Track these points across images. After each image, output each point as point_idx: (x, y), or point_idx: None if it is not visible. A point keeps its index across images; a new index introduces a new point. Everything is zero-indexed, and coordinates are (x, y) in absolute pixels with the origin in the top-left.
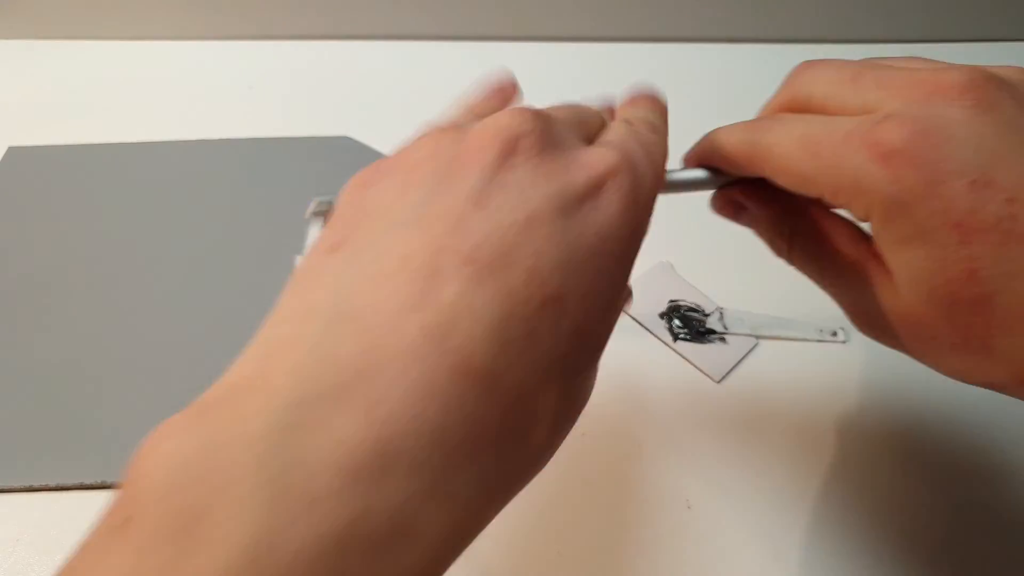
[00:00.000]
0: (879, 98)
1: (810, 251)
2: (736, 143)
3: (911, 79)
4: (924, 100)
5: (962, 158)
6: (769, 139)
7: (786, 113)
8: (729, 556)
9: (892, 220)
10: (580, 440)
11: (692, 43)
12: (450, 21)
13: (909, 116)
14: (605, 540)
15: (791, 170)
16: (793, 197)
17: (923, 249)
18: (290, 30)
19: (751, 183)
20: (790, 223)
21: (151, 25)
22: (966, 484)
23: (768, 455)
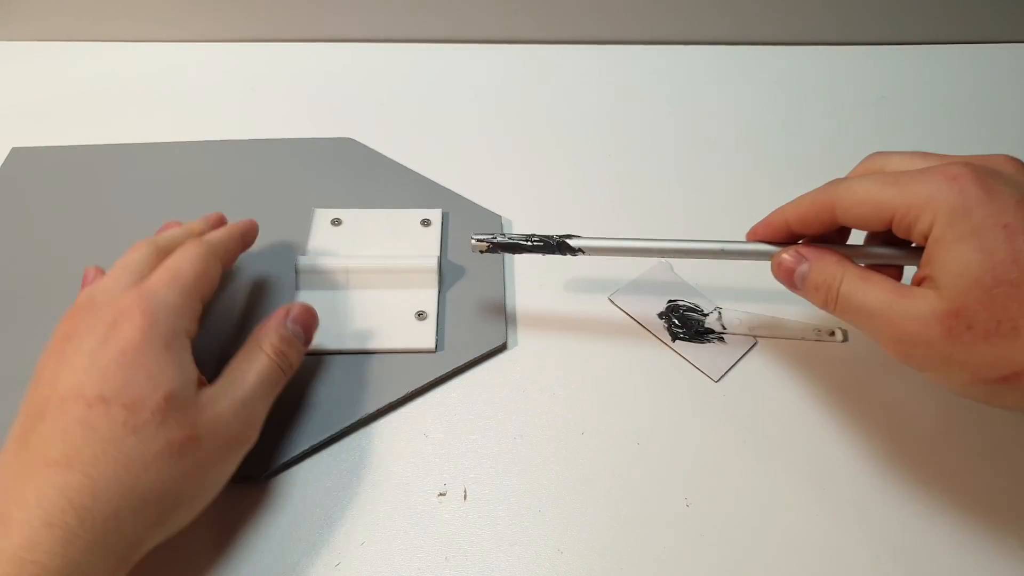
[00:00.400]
0: (941, 163)
1: (858, 286)
2: (812, 198)
3: (965, 157)
4: (978, 161)
5: (1009, 187)
6: (849, 183)
7: None
8: (728, 555)
9: (955, 222)
10: (579, 439)
11: (692, 45)
12: (451, 24)
13: (971, 163)
14: (604, 538)
15: (870, 199)
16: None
17: (976, 243)
18: (292, 32)
19: (807, 242)
20: (843, 267)
21: (153, 26)
22: (966, 483)
23: (766, 454)
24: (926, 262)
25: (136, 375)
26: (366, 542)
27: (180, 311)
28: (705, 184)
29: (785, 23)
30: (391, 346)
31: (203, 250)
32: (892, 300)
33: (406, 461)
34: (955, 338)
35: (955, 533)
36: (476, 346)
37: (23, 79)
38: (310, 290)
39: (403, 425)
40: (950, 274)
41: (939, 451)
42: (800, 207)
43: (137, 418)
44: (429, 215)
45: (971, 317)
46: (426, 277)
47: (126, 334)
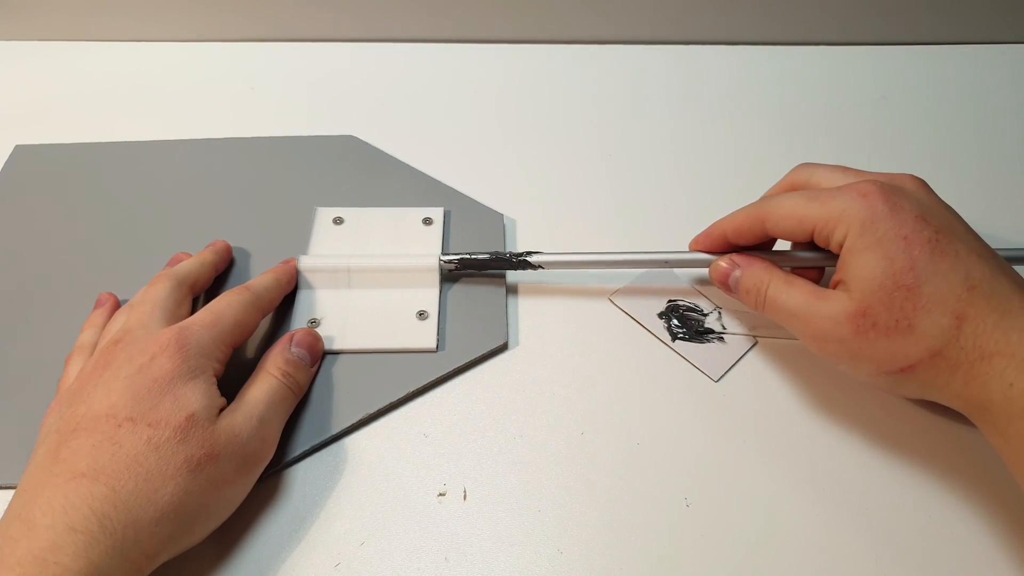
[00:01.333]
0: (858, 180)
1: (782, 290)
2: (747, 212)
3: (878, 173)
4: (888, 179)
5: (910, 203)
6: (777, 200)
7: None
8: (729, 555)
9: (863, 233)
10: (580, 439)
11: (692, 45)
12: (451, 23)
13: (880, 181)
14: (604, 538)
15: (795, 215)
16: (771, 260)
17: (880, 251)
18: (292, 32)
19: (742, 250)
20: (769, 272)
21: (152, 26)
22: (965, 483)
23: (766, 454)
24: (840, 268)
25: (164, 400)
26: (366, 542)
27: (211, 352)
28: (704, 183)
29: (784, 23)
30: (392, 346)
31: (249, 301)
32: (810, 302)
33: (406, 461)
34: (862, 335)
35: (954, 532)
36: (477, 346)
37: (23, 78)
38: (311, 289)
39: (403, 425)
40: (858, 279)
41: (938, 451)
42: (735, 220)
43: (160, 436)
44: (431, 214)
45: (875, 316)
46: (427, 276)
47: (160, 366)
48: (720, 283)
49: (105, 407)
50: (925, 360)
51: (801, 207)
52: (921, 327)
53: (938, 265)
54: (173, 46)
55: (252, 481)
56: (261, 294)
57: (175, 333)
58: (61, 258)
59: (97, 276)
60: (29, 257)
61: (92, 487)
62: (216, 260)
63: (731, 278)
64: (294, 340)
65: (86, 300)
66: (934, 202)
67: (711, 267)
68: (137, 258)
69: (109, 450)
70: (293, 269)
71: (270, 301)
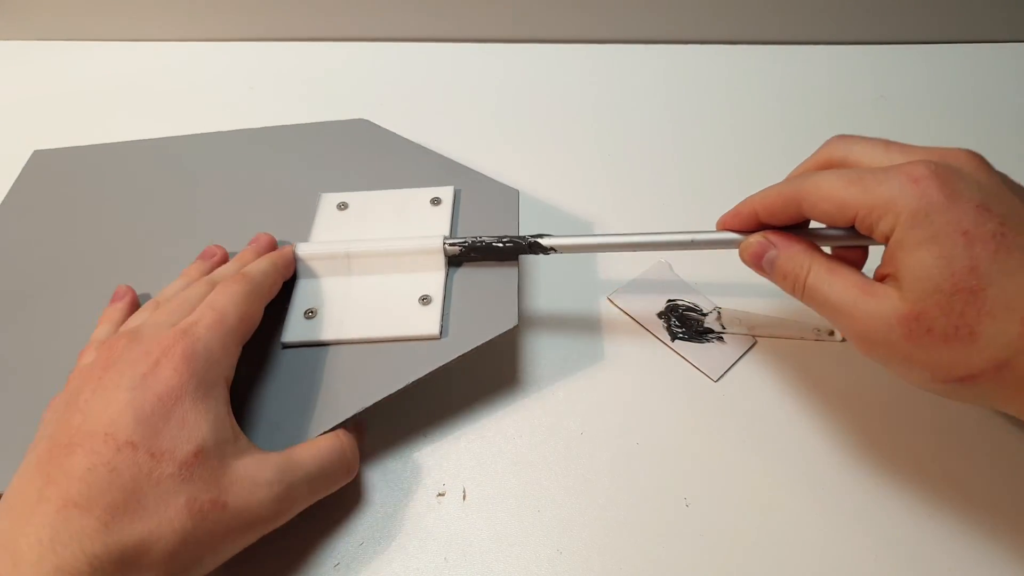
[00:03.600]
0: (905, 158)
1: (824, 278)
2: (780, 190)
3: (928, 149)
4: (941, 157)
5: (970, 189)
6: (815, 179)
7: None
8: (728, 555)
9: (915, 226)
10: (579, 439)
11: (692, 45)
12: (451, 23)
13: (933, 161)
14: (604, 538)
15: (834, 198)
16: (811, 241)
17: (936, 249)
18: (290, 31)
19: (777, 229)
20: (809, 256)
21: (151, 26)
22: (964, 482)
23: (766, 454)
24: (888, 261)
25: (169, 424)
26: (365, 542)
27: (221, 358)
28: (704, 182)
29: (784, 22)
30: (392, 334)
31: (248, 290)
32: (856, 297)
33: (405, 461)
34: (915, 340)
35: (954, 531)
36: (485, 330)
37: (22, 78)
38: (310, 278)
39: (402, 425)
40: (911, 278)
41: (938, 451)
42: (768, 198)
43: (162, 469)
44: (440, 193)
45: (931, 321)
46: (431, 259)
47: (165, 378)
48: (753, 264)
49: (104, 423)
50: (989, 371)
51: (841, 190)
52: (985, 335)
53: (1004, 264)
54: (171, 46)
55: (255, 539)
56: (260, 280)
57: (179, 337)
58: (84, 257)
59: (120, 272)
60: (58, 260)
61: (83, 520)
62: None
63: (765, 259)
64: None
65: (107, 297)
66: (996, 185)
67: (742, 247)
68: (161, 252)
69: (105, 478)
70: (289, 253)
71: (270, 287)
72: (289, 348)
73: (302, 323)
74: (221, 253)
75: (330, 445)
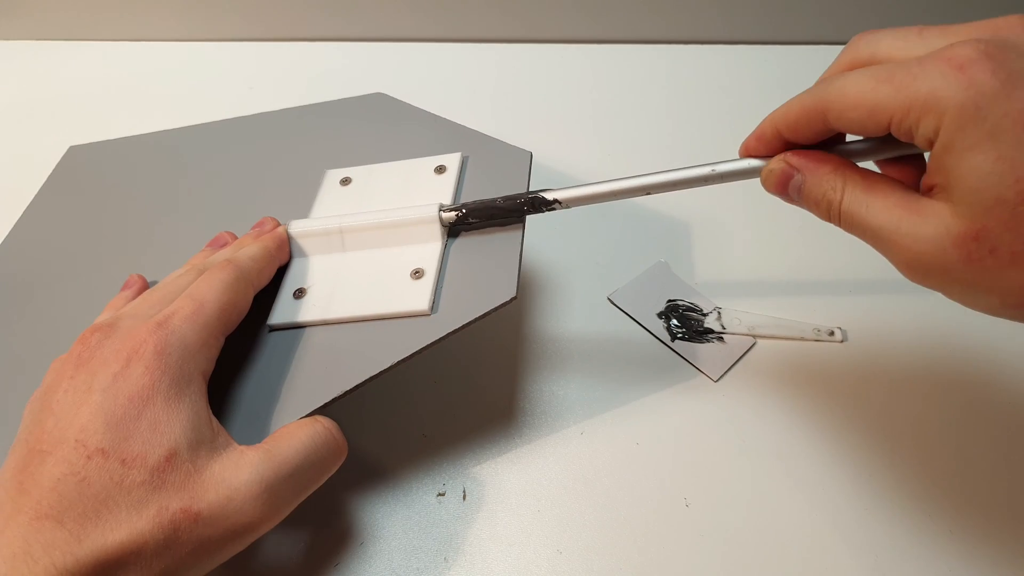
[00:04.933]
0: (946, 41)
1: (861, 200)
2: (801, 101)
3: (972, 25)
4: (992, 31)
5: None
6: (839, 82)
7: None
8: (728, 554)
9: (965, 125)
10: (579, 439)
11: (691, 45)
12: (451, 23)
13: (981, 39)
14: (603, 538)
15: (864, 101)
16: (843, 157)
17: (995, 151)
18: (289, 31)
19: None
20: (842, 176)
21: (151, 26)
22: (965, 483)
23: (766, 454)
24: (935, 169)
25: (140, 427)
26: (365, 542)
27: (197, 352)
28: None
29: (783, 22)
30: (379, 311)
31: (232, 277)
32: (900, 218)
33: (405, 461)
34: (976, 264)
35: (953, 532)
36: (480, 303)
37: (22, 77)
38: (305, 257)
39: (402, 425)
40: (965, 189)
41: (938, 451)
42: (790, 113)
43: (132, 477)
44: (445, 161)
45: (994, 240)
46: (427, 229)
47: (136, 377)
48: (778, 193)
49: (75, 429)
50: None
51: (871, 91)
52: None
53: None
54: (171, 46)
55: (241, 548)
56: (247, 266)
57: (152, 331)
58: (111, 247)
59: (143, 262)
60: (84, 249)
61: (55, 533)
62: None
63: (791, 186)
64: None
65: None
66: None
67: (763, 175)
68: (183, 241)
69: (76, 488)
70: (282, 235)
71: (259, 272)
72: (276, 331)
73: (291, 304)
74: (230, 241)
75: (310, 430)
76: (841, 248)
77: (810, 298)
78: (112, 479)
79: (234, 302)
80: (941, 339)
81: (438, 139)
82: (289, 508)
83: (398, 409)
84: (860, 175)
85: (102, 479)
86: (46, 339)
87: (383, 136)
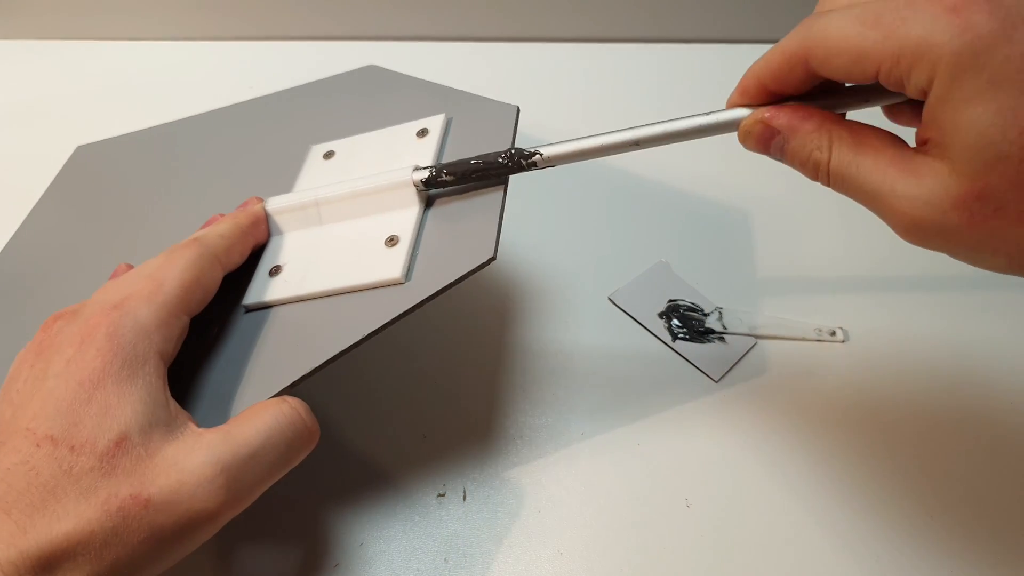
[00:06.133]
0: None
1: (850, 160)
2: (783, 47)
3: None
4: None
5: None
6: (822, 24)
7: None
8: (728, 555)
9: (961, 75)
10: (580, 439)
11: (691, 44)
12: (450, 22)
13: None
14: (604, 539)
15: (848, 47)
16: (829, 110)
17: (995, 101)
18: (288, 31)
19: (786, 103)
20: (827, 134)
21: (151, 25)
22: (965, 484)
23: (766, 454)
24: (929, 122)
25: (90, 411)
26: (365, 543)
27: (154, 331)
28: (704, 182)
29: (781, 21)
30: (351, 283)
31: (195, 255)
32: (895, 179)
33: (405, 462)
34: (980, 225)
35: (954, 532)
36: (456, 266)
37: (21, 77)
38: (283, 234)
39: (402, 426)
40: (964, 145)
41: (939, 451)
42: (771, 62)
43: (81, 464)
44: (427, 124)
45: (999, 198)
46: (402, 195)
47: (87, 361)
48: (761, 151)
49: (27, 417)
50: None
51: (856, 36)
52: None
53: None
54: (171, 45)
55: (201, 539)
56: (215, 243)
57: (105, 313)
58: (115, 241)
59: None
60: (91, 245)
61: (2, 524)
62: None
63: (773, 146)
64: None
65: None
66: None
67: (740, 134)
68: (184, 232)
69: (24, 478)
70: (256, 211)
71: (228, 250)
72: (252, 311)
73: (266, 282)
74: None
75: (275, 411)
76: (842, 247)
77: (811, 298)
78: (61, 467)
79: (197, 279)
80: (943, 339)
81: (426, 103)
82: (252, 494)
83: (398, 409)
84: (847, 130)
85: (51, 467)
86: None
87: (372, 107)
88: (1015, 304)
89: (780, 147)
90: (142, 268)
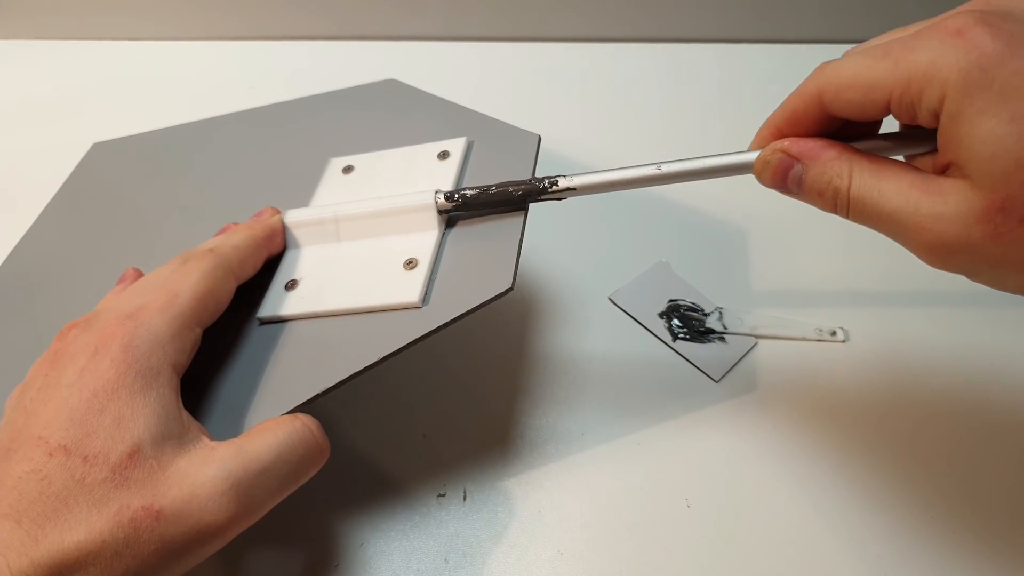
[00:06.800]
0: (942, 17)
1: (872, 184)
2: (799, 90)
3: (948, 12)
4: (986, 3)
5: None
6: (834, 64)
7: None
8: (729, 555)
9: (971, 89)
10: (579, 439)
11: (690, 43)
12: (452, 22)
13: (973, 9)
14: (604, 539)
15: (859, 80)
16: (847, 139)
17: (1007, 111)
18: (291, 31)
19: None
20: (848, 162)
21: (151, 25)
22: (965, 484)
23: (767, 454)
24: (945, 146)
25: (103, 422)
26: (365, 543)
27: (168, 343)
28: (705, 181)
29: (780, 21)
30: (368, 304)
31: (210, 266)
32: (918, 199)
33: (405, 462)
34: (1003, 237)
35: (955, 531)
36: (473, 295)
37: (21, 77)
38: (300, 248)
39: (402, 426)
40: (981, 158)
41: (940, 451)
42: (787, 107)
43: (94, 475)
44: (449, 146)
45: (1021, 208)
46: (423, 218)
47: (101, 371)
48: (777, 185)
49: (40, 425)
50: None
51: (867, 69)
52: None
53: None
54: (171, 45)
55: (210, 552)
56: (229, 254)
57: (121, 323)
58: (128, 243)
59: (155, 257)
60: (113, 245)
61: (12, 533)
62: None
63: (791, 177)
64: None
65: None
66: None
67: (756, 166)
68: (196, 235)
69: (36, 487)
70: (272, 223)
71: (242, 262)
72: (266, 324)
73: (281, 296)
74: None
75: (288, 428)
76: (843, 248)
77: (812, 298)
78: (73, 477)
79: (211, 291)
80: (943, 339)
81: (446, 124)
82: (262, 509)
83: (398, 410)
84: (867, 159)
85: (63, 477)
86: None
87: (392, 123)
88: (1015, 303)
89: (798, 178)
90: (155, 276)
